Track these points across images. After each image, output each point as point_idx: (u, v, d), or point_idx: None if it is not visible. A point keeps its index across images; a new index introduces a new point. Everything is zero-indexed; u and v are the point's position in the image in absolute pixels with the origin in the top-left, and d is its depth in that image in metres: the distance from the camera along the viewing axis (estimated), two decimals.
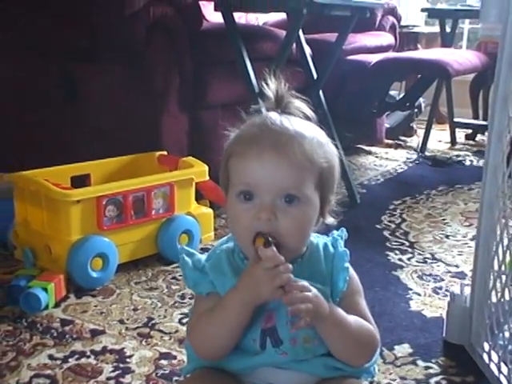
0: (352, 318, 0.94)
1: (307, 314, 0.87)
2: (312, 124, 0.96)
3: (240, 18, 3.33)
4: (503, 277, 1.29)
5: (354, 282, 1.00)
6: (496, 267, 1.32)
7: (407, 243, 2.10)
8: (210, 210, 2.00)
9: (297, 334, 0.93)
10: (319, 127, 0.97)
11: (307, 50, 2.56)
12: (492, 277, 1.33)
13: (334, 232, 1.02)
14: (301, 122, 0.94)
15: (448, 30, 3.55)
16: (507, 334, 1.27)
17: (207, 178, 1.96)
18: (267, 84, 0.96)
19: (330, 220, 0.98)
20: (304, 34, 2.54)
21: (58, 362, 1.33)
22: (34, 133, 2.32)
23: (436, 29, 3.85)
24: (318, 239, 1.00)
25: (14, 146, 2.37)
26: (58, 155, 2.00)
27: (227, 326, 0.91)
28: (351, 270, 0.99)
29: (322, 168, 0.92)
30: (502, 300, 1.28)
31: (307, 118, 0.96)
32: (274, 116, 0.93)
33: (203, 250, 1.89)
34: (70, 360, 1.34)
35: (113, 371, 1.31)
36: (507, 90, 1.27)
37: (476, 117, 3.90)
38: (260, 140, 0.90)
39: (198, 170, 1.94)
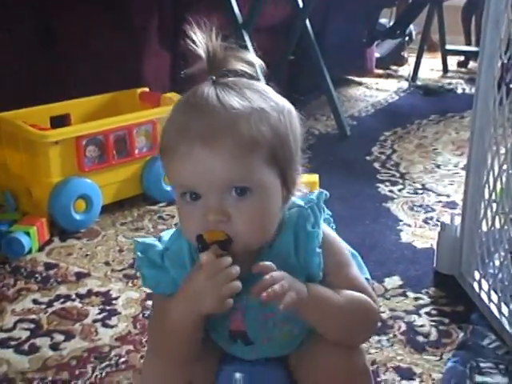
0: (341, 293, 0.81)
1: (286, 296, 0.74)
2: (253, 84, 0.79)
3: None
4: (494, 205, 1.26)
5: (343, 256, 0.85)
6: (487, 195, 1.28)
7: (398, 174, 2.06)
8: None
9: (272, 332, 0.84)
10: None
11: None
12: (483, 205, 1.30)
13: (313, 195, 0.85)
14: (235, 92, 0.76)
15: None
16: (497, 263, 1.25)
17: None
18: (194, 42, 0.78)
19: (300, 193, 0.84)
20: None
21: (43, 307, 1.31)
22: (10, 74, 2.23)
23: None
24: (290, 212, 0.83)
25: None
26: (35, 95, 1.94)
27: (178, 339, 0.80)
28: (339, 240, 0.86)
29: (271, 142, 0.76)
30: (493, 228, 1.26)
31: (252, 66, 0.79)
32: (203, 92, 0.76)
33: None
34: (54, 304, 1.32)
35: (99, 313, 1.29)
36: (498, 12, 1.21)
37: (468, 43, 3.81)
38: (188, 132, 0.74)
39: None
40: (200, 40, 0.78)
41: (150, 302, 1.32)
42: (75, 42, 2.14)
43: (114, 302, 1.33)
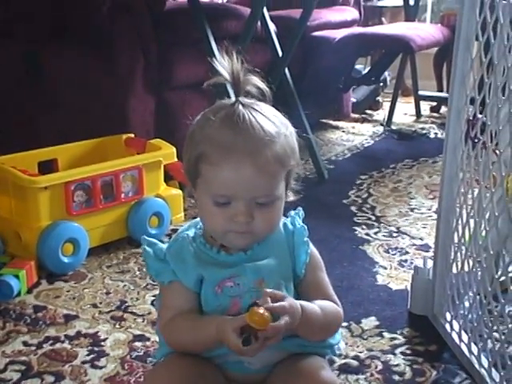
0: (319, 306, 0.98)
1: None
2: (271, 110, 0.97)
3: None
4: (463, 249, 1.34)
5: (315, 258, 1.05)
6: (456, 240, 1.36)
7: (374, 218, 2.14)
8: (180, 191, 2.02)
9: None
10: (275, 107, 0.98)
11: (272, 27, 2.57)
12: (453, 249, 1.38)
13: (291, 212, 1.07)
14: (266, 118, 0.94)
15: (412, 3, 3.57)
16: (467, 304, 1.32)
17: (175, 159, 1.98)
18: (220, 63, 0.96)
19: (291, 198, 1.04)
20: (268, 10, 2.54)
21: (33, 348, 1.35)
22: None
23: (400, 2, 3.86)
24: None
25: None
26: (23, 140, 2.00)
27: (200, 344, 0.96)
28: (311, 246, 1.04)
29: (291, 164, 0.96)
30: (462, 272, 1.33)
31: (262, 94, 0.97)
32: (241, 113, 0.92)
33: (173, 231, 1.93)
34: (44, 346, 1.37)
35: (88, 355, 1.33)
36: (465, 70, 1.30)
37: (440, 89, 3.94)
38: (235, 149, 0.91)
39: (166, 152, 1.95)
40: (225, 63, 0.96)
41: (137, 343, 1.37)
42: (62, 89, 2.22)
43: (102, 343, 1.38)
